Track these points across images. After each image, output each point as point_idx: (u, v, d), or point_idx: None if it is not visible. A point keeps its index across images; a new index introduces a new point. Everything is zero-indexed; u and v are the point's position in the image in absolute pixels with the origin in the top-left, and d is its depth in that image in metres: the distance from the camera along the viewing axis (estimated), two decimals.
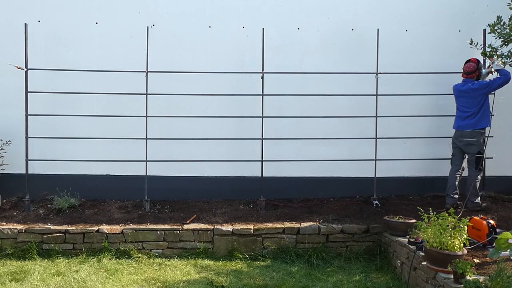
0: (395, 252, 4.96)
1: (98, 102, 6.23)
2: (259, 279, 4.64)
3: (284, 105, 6.28)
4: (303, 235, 5.37)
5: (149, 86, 5.97)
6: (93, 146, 6.22)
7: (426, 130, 6.28)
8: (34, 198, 6.05)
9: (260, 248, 5.35)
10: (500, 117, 6.28)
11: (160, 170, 6.30)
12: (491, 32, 5.17)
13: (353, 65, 6.30)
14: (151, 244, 5.32)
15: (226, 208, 6.01)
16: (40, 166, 6.25)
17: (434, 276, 3.94)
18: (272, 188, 6.16)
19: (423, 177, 6.43)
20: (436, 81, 6.32)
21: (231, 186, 6.37)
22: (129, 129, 6.16)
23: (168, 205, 6.12)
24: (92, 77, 6.19)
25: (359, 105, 6.30)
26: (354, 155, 6.35)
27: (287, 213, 5.82)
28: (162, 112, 6.12)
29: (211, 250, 5.35)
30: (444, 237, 3.90)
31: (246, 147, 6.28)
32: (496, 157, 6.16)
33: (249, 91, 6.22)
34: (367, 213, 5.79)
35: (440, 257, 3.85)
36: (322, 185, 6.39)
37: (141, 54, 6.00)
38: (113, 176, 6.30)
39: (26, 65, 5.85)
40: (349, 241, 5.38)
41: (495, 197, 6.15)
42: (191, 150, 6.29)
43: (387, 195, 6.25)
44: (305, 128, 6.34)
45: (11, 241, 5.25)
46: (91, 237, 5.29)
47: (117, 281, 4.52)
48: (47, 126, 6.17)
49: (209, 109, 6.30)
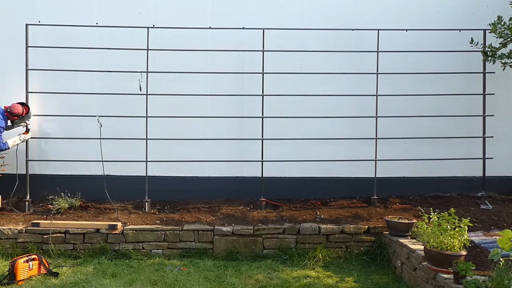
0: (395, 253, 4.96)
1: (98, 102, 6.23)
2: (259, 280, 4.64)
3: (284, 105, 6.28)
4: (303, 235, 5.37)
5: (149, 86, 5.97)
6: (93, 146, 6.21)
7: (426, 130, 6.28)
8: (34, 199, 6.05)
9: (261, 248, 5.35)
10: (500, 117, 6.29)
11: (161, 170, 6.30)
12: (492, 32, 5.17)
13: (353, 65, 6.30)
14: (151, 245, 5.32)
15: (226, 208, 6.01)
16: (41, 167, 6.26)
17: (434, 276, 3.94)
18: (272, 189, 6.16)
19: (423, 177, 6.42)
20: (436, 81, 6.32)
21: (231, 186, 6.36)
22: (129, 129, 6.16)
23: (168, 205, 6.12)
24: (92, 77, 6.19)
25: (359, 105, 6.30)
26: (354, 155, 6.34)
27: (287, 214, 5.82)
28: (162, 112, 6.12)
29: (211, 251, 5.35)
30: (444, 237, 3.90)
31: (246, 147, 6.28)
32: (496, 157, 6.16)
33: (249, 91, 6.22)
34: (367, 213, 5.79)
35: (440, 257, 3.85)
36: (322, 185, 6.38)
37: (141, 54, 6.00)
38: (113, 176, 6.30)
39: (26, 65, 5.85)
40: (349, 241, 5.38)
41: (495, 198, 6.15)
42: (191, 150, 6.29)
43: (387, 195, 6.24)
44: (305, 128, 6.33)
45: (11, 241, 5.25)
46: (91, 237, 5.29)
47: (117, 281, 4.52)
48: (47, 126, 6.16)
49: (209, 109, 6.30)
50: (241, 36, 6.30)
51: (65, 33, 6.12)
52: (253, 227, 5.40)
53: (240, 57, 6.31)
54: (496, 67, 5.72)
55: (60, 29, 6.09)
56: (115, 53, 6.15)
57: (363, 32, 6.25)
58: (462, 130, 6.28)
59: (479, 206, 5.78)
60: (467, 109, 6.30)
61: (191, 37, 6.26)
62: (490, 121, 6.16)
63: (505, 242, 3.18)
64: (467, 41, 5.74)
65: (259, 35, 6.07)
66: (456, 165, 6.34)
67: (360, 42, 6.31)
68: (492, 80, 6.13)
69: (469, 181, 6.34)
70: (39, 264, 4.66)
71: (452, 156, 6.30)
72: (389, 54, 6.16)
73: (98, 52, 6.18)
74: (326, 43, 6.32)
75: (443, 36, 6.30)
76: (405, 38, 6.31)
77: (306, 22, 6.33)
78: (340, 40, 6.34)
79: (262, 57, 6.07)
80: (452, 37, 6.28)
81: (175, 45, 6.17)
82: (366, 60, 6.23)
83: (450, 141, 6.26)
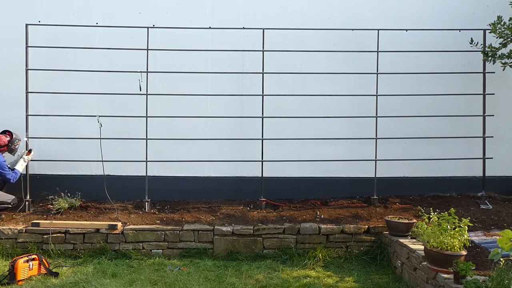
0: (395, 252, 4.97)
1: (98, 102, 6.23)
2: (259, 280, 4.64)
3: (284, 105, 6.28)
4: (304, 235, 5.37)
5: (149, 86, 5.97)
6: (93, 146, 6.21)
7: (426, 130, 6.28)
8: (34, 199, 6.05)
9: (261, 248, 5.35)
10: (500, 117, 6.29)
11: (161, 170, 6.31)
12: (492, 32, 5.17)
13: (353, 65, 6.30)
14: (151, 244, 5.32)
15: (226, 208, 6.01)
16: (41, 166, 6.25)
17: (434, 276, 3.94)
18: (272, 188, 6.16)
19: (423, 177, 6.42)
20: (436, 81, 6.32)
21: (231, 186, 6.37)
22: (129, 129, 6.16)
23: (168, 205, 6.12)
24: (92, 77, 6.19)
25: (359, 105, 6.30)
26: (354, 155, 6.34)
27: (287, 213, 5.82)
28: (162, 112, 6.12)
29: (211, 251, 5.35)
30: (444, 237, 3.90)
31: (246, 147, 6.28)
32: (496, 157, 6.16)
33: (249, 91, 6.22)
34: (367, 213, 5.79)
35: (440, 257, 3.85)
36: (322, 185, 6.39)
37: (141, 54, 6.00)
38: (113, 176, 6.30)
39: (26, 65, 5.86)
40: (349, 241, 5.38)
41: (495, 197, 6.15)
42: (191, 150, 6.29)
43: (387, 195, 6.25)
44: (305, 128, 6.34)
45: (11, 241, 5.25)
46: (91, 237, 5.30)
47: (118, 281, 4.52)
48: (47, 126, 6.16)
49: (209, 109, 6.30)
50: (241, 36, 6.30)
51: (65, 33, 6.12)
52: (253, 227, 5.40)
53: (240, 57, 6.31)
54: (496, 67, 5.72)
55: (60, 29, 6.10)
56: (115, 53, 6.14)
57: (363, 32, 6.25)
58: (462, 130, 6.28)
59: (479, 206, 5.78)
60: (467, 109, 6.30)
61: (191, 37, 6.25)
62: (490, 121, 6.16)
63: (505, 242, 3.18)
64: (467, 41, 5.74)
65: (259, 35, 6.07)
66: (456, 165, 6.34)
67: (360, 42, 6.31)
68: (492, 80, 6.13)
69: (469, 181, 6.34)
70: (39, 264, 4.66)
71: (452, 156, 6.30)
72: (389, 54, 6.16)
73: (98, 52, 6.18)
74: (326, 43, 6.32)
75: (443, 36, 6.30)
76: (405, 38, 6.31)
77: (306, 22, 6.33)
78: (340, 40, 6.34)
79: (262, 57, 6.07)
80: (452, 37, 6.28)
81: (175, 45, 6.17)
82: (366, 60, 6.23)
83: (450, 141, 6.26)
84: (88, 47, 6.13)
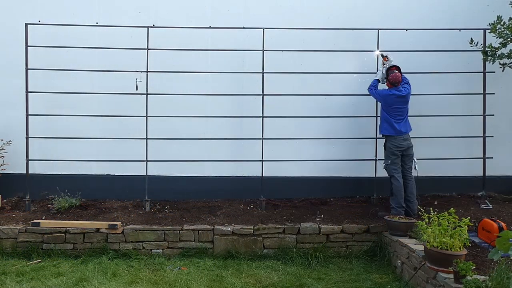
0: (395, 252, 4.96)
1: (98, 102, 6.24)
2: (259, 279, 4.64)
3: (284, 105, 6.28)
4: (304, 235, 5.37)
5: (149, 86, 5.97)
6: (93, 146, 6.22)
7: (426, 130, 6.27)
8: (34, 198, 6.05)
9: (261, 248, 5.35)
10: (500, 117, 6.29)
11: (161, 170, 6.31)
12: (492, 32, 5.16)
13: (353, 65, 6.30)
14: (151, 244, 5.32)
15: (226, 208, 6.01)
16: (41, 166, 6.26)
17: (434, 276, 3.94)
18: (272, 188, 6.16)
19: (423, 177, 6.40)
20: (436, 80, 6.32)
21: (231, 186, 6.37)
22: (129, 129, 6.16)
23: (168, 205, 6.12)
24: (92, 77, 6.19)
25: (359, 105, 6.30)
26: (354, 155, 6.34)
27: (287, 213, 5.82)
28: (162, 112, 6.12)
29: (211, 250, 5.35)
30: (444, 237, 3.90)
31: (246, 147, 6.28)
32: (496, 157, 6.16)
33: (249, 91, 6.22)
34: (367, 213, 5.79)
35: (440, 257, 3.85)
36: (322, 185, 6.39)
37: (141, 54, 6.00)
38: (113, 176, 6.30)
39: (26, 65, 5.86)
40: (349, 241, 5.38)
41: (495, 197, 6.15)
42: (191, 150, 6.29)
43: (387, 195, 6.24)
44: (305, 128, 6.34)
45: (11, 241, 5.26)
46: (92, 237, 5.30)
47: (118, 281, 4.52)
48: (47, 126, 6.17)
49: (209, 109, 6.30)
50: (241, 35, 6.29)
51: (65, 32, 6.12)
52: (253, 226, 5.40)
53: (240, 57, 6.31)
54: (496, 66, 5.71)
55: (60, 29, 6.10)
56: (115, 52, 6.14)
57: (363, 32, 6.25)
58: (462, 130, 6.28)
59: (479, 205, 5.77)
60: (467, 108, 6.30)
61: (191, 37, 6.26)
62: (490, 120, 6.16)
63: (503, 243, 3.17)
64: (467, 41, 5.73)
65: (259, 34, 6.06)
66: (456, 164, 6.34)
67: (360, 42, 6.31)
68: (492, 79, 6.13)
69: (469, 181, 6.34)
70: None
71: (452, 155, 6.30)
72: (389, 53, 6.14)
73: (98, 52, 6.18)
74: (326, 43, 6.32)
75: (443, 35, 6.30)
76: (405, 38, 6.31)
77: (306, 22, 6.33)
78: (340, 40, 6.34)
79: (262, 57, 6.07)
80: (452, 37, 6.27)
81: (175, 45, 6.17)
82: (366, 59, 6.23)
83: (450, 140, 6.26)
84: (88, 47, 6.14)
